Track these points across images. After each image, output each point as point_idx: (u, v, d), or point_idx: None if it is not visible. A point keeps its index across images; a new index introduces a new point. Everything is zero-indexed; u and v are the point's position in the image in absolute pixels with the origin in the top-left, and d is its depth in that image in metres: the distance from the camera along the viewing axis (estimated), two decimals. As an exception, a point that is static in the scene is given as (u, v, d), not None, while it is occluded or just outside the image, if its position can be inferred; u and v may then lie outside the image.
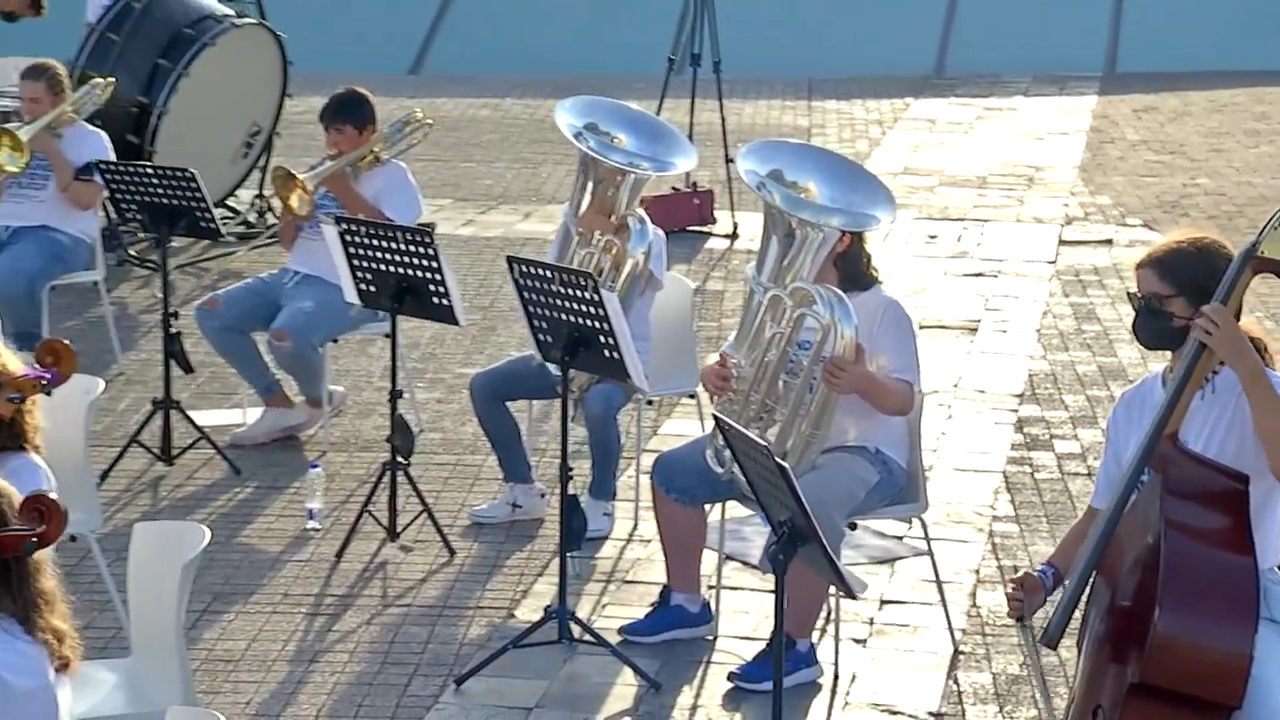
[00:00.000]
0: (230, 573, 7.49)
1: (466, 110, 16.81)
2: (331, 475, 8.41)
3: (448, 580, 7.51)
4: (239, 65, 11.53)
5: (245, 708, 6.43)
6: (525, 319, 7.04)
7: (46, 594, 4.06)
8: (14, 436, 5.11)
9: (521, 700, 6.53)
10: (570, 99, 8.09)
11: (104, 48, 11.37)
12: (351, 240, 7.65)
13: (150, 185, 8.60)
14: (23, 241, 9.39)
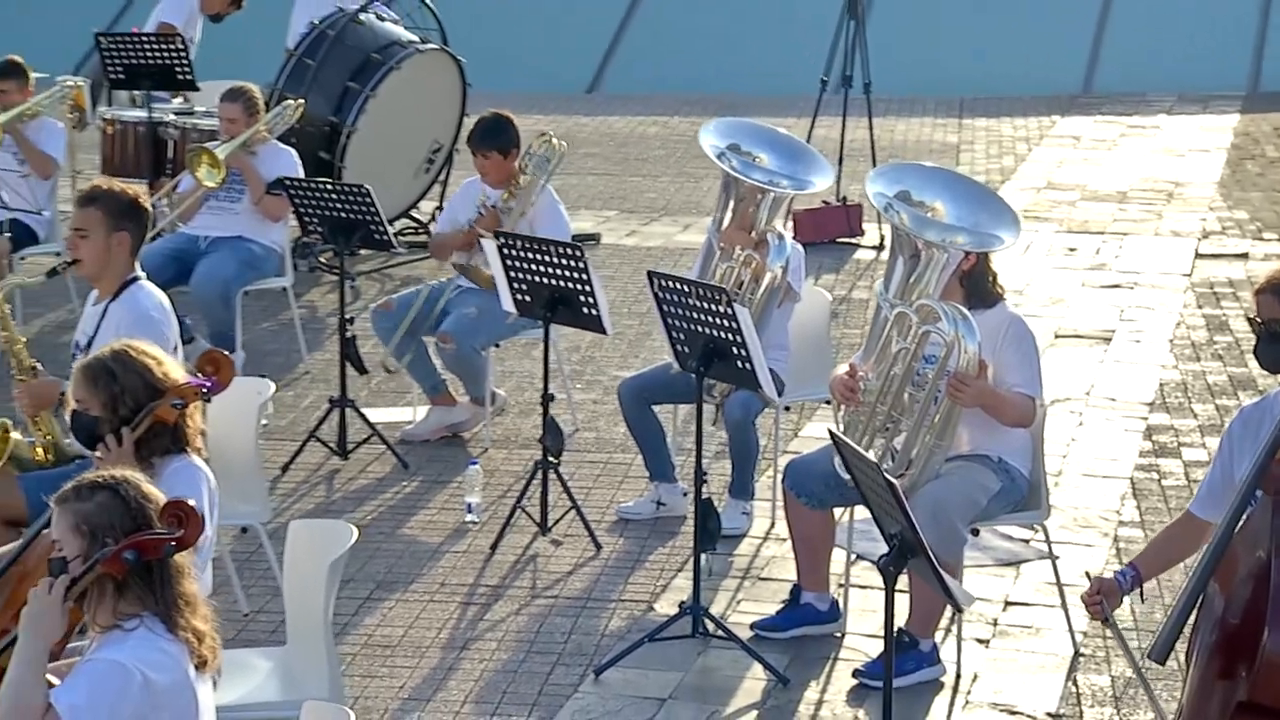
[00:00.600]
0: (393, 562, 7.43)
1: (636, 127, 16.73)
2: (491, 471, 8.34)
3: (593, 573, 7.40)
4: (422, 87, 11.50)
5: (399, 692, 6.36)
6: (664, 330, 6.90)
7: (188, 596, 4.03)
8: (176, 440, 5.09)
9: (656, 691, 6.40)
10: (714, 121, 7.98)
11: (300, 71, 11.40)
12: (509, 254, 7.57)
13: (329, 200, 8.59)
14: (219, 250, 9.43)
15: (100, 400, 5.03)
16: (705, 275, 7.70)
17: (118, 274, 6.40)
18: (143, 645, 3.92)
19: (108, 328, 6.35)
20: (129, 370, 5.03)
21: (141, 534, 3.94)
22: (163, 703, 3.91)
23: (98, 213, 6.34)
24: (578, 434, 8.92)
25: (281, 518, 7.81)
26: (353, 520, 7.79)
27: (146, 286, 6.45)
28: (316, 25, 11.69)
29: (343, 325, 8.47)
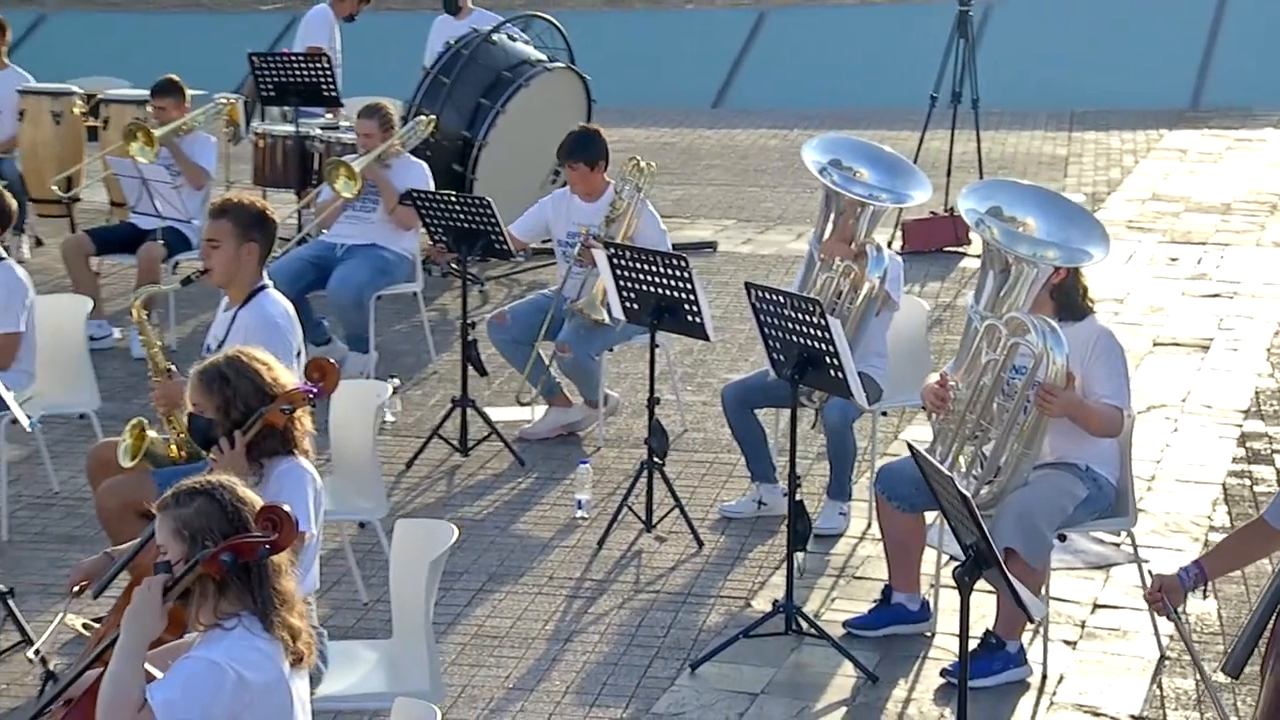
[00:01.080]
0: (505, 556, 7.33)
1: (757, 140, 16.56)
2: (603, 470, 8.23)
3: (694, 570, 7.25)
4: (549, 103, 11.41)
5: (504, 681, 6.25)
6: (761, 339, 6.75)
7: (284, 594, 3.96)
8: (285, 442, 5.03)
9: (749, 686, 6.25)
10: (817, 137, 7.80)
11: (436, 89, 11.36)
12: (618, 264, 7.47)
13: (454, 211, 8.52)
14: (354, 257, 9.40)
15: (215, 404, 4.98)
16: (807, 285, 7.54)
17: (246, 282, 6.35)
18: (239, 644, 3.86)
19: (236, 333, 6.31)
20: (241, 376, 4.97)
21: (238, 537, 3.88)
22: (256, 701, 3.85)
23: (228, 224, 6.31)
24: (686, 434, 8.79)
25: (405, 510, 7.79)
26: (469, 514, 7.77)
27: (273, 294, 6.40)
28: (452, 45, 11.66)
29: (464, 330, 8.39)
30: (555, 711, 6.04)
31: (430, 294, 10.33)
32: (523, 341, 8.58)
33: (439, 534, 5.17)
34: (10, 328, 7.30)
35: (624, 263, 7.46)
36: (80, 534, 7.44)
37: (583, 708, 6.08)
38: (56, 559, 7.18)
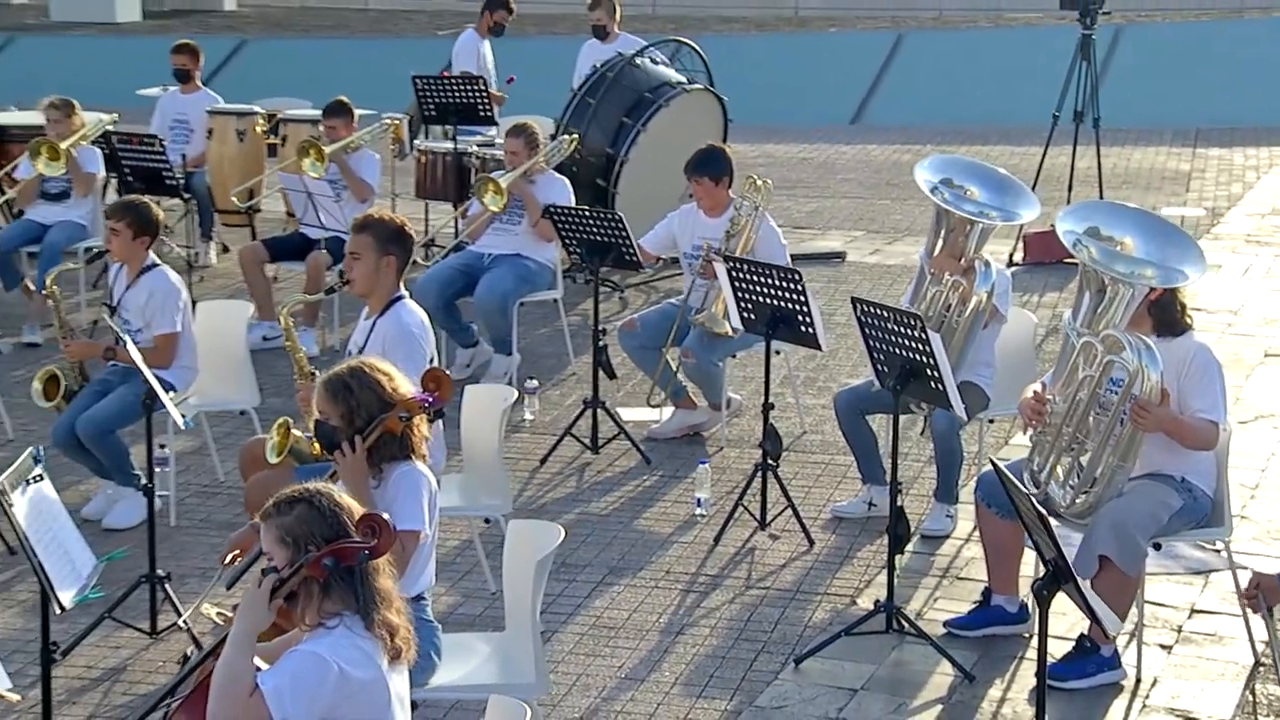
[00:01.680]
0: (626, 550, 7.17)
1: (891, 155, 16.24)
2: (724, 469, 8.05)
3: (804, 567, 7.03)
4: (687, 122, 11.23)
5: (617, 671, 6.10)
6: (866, 351, 6.53)
7: (383, 593, 3.87)
8: (403, 448, 4.93)
9: (849, 682, 6.03)
10: (929, 157, 7.55)
11: (582, 109, 11.25)
12: (736, 276, 7.30)
13: (588, 225, 8.40)
14: (500, 266, 9.30)
15: (339, 411, 4.90)
16: (917, 297, 7.31)
17: (385, 293, 6.26)
18: (342, 642, 3.79)
19: (374, 341, 6.24)
20: (364, 386, 4.89)
21: (340, 542, 3.79)
22: (356, 696, 3.77)
23: (368, 238, 6.23)
24: (805, 436, 8.57)
25: (536, 504, 7.68)
26: (595, 510, 7.64)
27: (409, 305, 6.31)
28: (598, 68, 11.55)
29: (595, 336, 8.26)
30: (663, 702, 5.88)
31: (572, 300, 10.21)
32: (651, 347, 8.43)
33: (547, 535, 5.04)
34: (167, 328, 7.30)
35: (742, 275, 7.29)
36: (241, 521, 7.33)
37: (689, 699, 5.90)
38: (218, 544, 7.11)
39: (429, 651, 4.88)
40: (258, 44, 21.36)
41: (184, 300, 7.48)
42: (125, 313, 7.44)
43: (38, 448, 4.80)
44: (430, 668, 4.91)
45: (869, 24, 22.74)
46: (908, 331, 6.17)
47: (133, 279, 7.45)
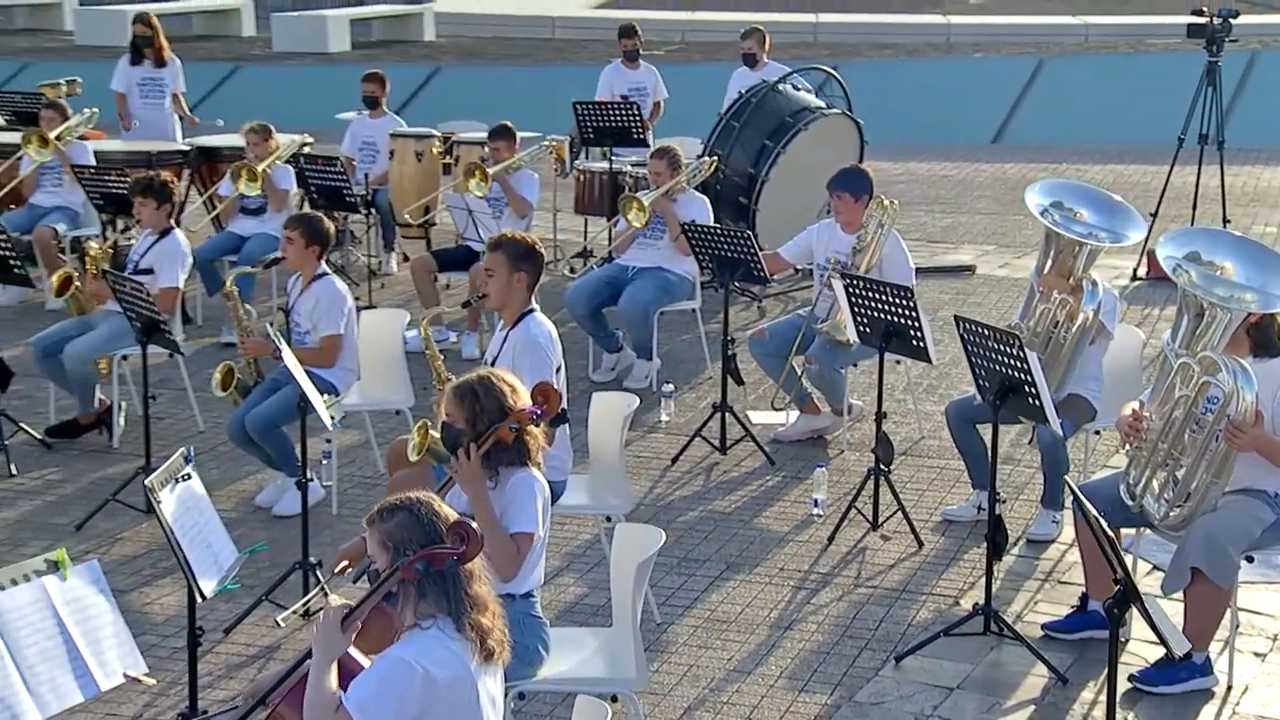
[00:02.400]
0: (744, 546, 6.98)
1: (1027, 173, 15.71)
2: (843, 471, 7.82)
3: (912, 568, 6.78)
4: (825, 144, 10.98)
5: (726, 663, 5.92)
6: (969, 367, 6.27)
7: (475, 599, 3.76)
8: (520, 455, 4.81)
9: (946, 681, 5.79)
10: (1040, 182, 7.23)
11: (727, 132, 11.07)
12: (853, 292, 7.07)
13: (719, 241, 8.22)
14: (642, 278, 9.17)
15: (464, 416, 4.80)
16: (1027, 313, 7.01)
17: (517, 306, 6.17)
18: (432, 643, 3.69)
19: (506, 351, 6.16)
20: (489, 394, 4.78)
21: (431, 548, 3.69)
22: (443, 695, 3.67)
23: (501, 256, 6.14)
24: (922, 441, 8.29)
25: (665, 501, 7.53)
26: (718, 507, 7.46)
27: (539, 318, 6.20)
28: (743, 94, 11.36)
29: (725, 345, 8.08)
30: (767, 695, 5.69)
31: (713, 309, 10.02)
32: (778, 355, 8.22)
33: (649, 539, 4.89)
34: (332, 331, 7.30)
35: (858, 292, 7.06)
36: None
37: (792, 692, 5.71)
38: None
39: (536, 645, 4.78)
40: (450, 71, 21.47)
41: (349, 307, 7.47)
42: (297, 316, 7.47)
43: (188, 448, 4.79)
44: (538, 660, 4.79)
45: (1013, 49, 22.12)
46: (1007, 350, 5.90)
47: (305, 286, 7.47)
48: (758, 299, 10.79)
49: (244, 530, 7.00)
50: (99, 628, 3.85)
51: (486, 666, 3.79)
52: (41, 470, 7.67)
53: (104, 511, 7.11)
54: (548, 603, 6.34)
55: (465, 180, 9.95)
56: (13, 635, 3.64)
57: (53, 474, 7.64)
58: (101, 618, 3.86)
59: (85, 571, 3.88)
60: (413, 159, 11.58)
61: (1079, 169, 16.07)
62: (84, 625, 3.81)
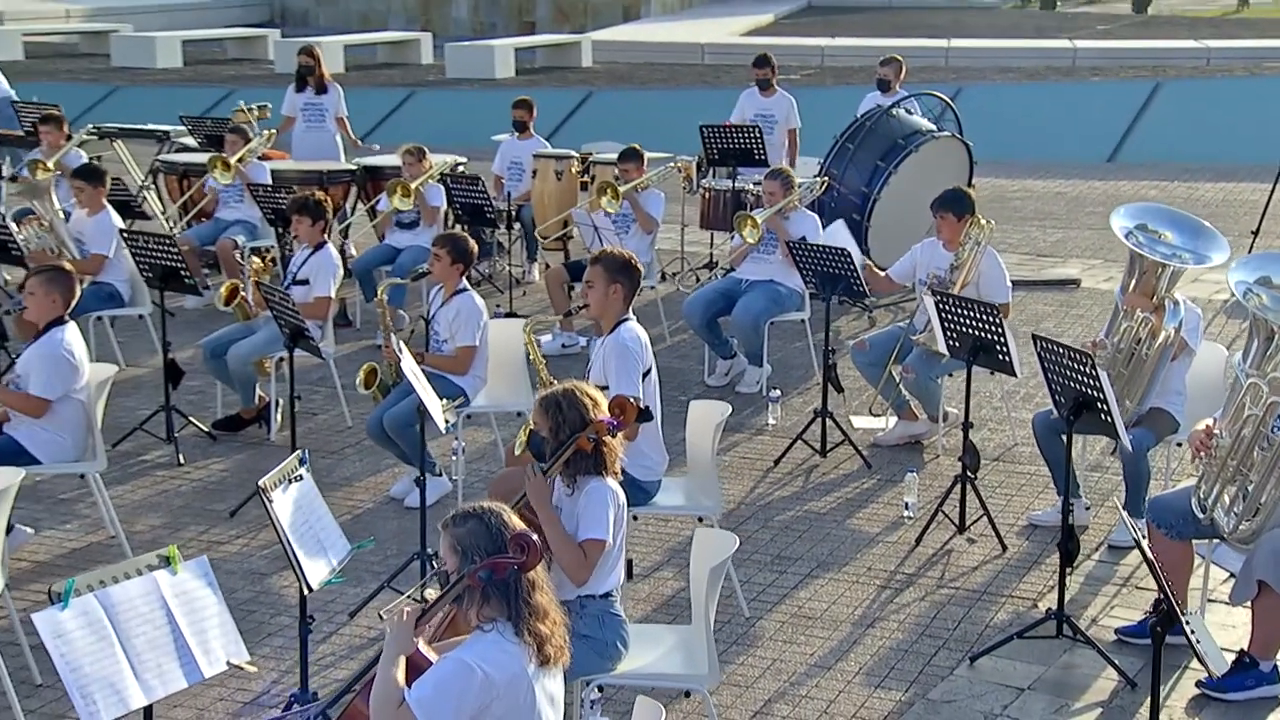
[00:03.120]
0: (835, 546, 6.83)
1: (1139, 190, 15.22)
2: (937, 475, 7.60)
3: (994, 571, 6.56)
4: (935, 165, 10.72)
5: (808, 658, 5.79)
6: (1046, 383, 6.05)
7: (535, 607, 3.69)
8: (597, 464, 4.74)
9: (1018, 681, 5.58)
10: (1124, 206, 6.94)
11: (843, 153, 10.87)
12: (943, 309, 6.88)
13: (820, 258, 8.07)
14: (754, 290, 9.05)
15: (548, 426, 4.76)
16: (1113, 329, 6.76)
17: (613, 315, 6.10)
18: (491, 646, 3.64)
19: (599, 356, 6.11)
20: (571, 406, 4.74)
21: (494, 558, 3.65)
22: (500, 695, 3.61)
23: (600, 269, 6.08)
24: (1015, 448, 8.05)
25: (765, 501, 7.40)
26: (815, 508, 7.31)
27: (631, 326, 6.09)
28: (859, 118, 11.16)
29: (826, 354, 7.94)
30: (844, 689, 5.55)
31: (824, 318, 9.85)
32: (878, 364, 8.04)
33: (723, 543, 4.79)
34: (467, 342, 7.32)
35: (947, 308, 6.87)
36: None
37: (868, 688, 5.56)
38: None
39: (615, 641, 4.70)
40: (601, 95, 21.51)
41: (484, 321, 7.49)
42: (436, 325, 7.50)
43: (304, 451, 4.82)
44: (617, 655, 4.72)
45: (1131, 73, 21.46)
46: (1080, 368, 5.68)
47: (447, 299, 7.49)
48: (869, 309, 10.59)
49: (377, 519, 7.07)
50: (205, 618, 3.87)
51: (545, 669, 3.73)
52: (206, 460, 7.82)
53: (256, 500, 7.21)
54: (646, 595, 6.31)
55: (598, 198, 9.92)
56: (123, 624, 3.67)
57: (215, 463, 7.79)
58: (208, 609, 3.89)
59: (194, 567, 3.92)
60: (553, 177, 11.58)
61: (1190, 186, 15.52)
62: (191, 616, 3.83)
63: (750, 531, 6.94)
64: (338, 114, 12.48)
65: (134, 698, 3.65)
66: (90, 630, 3.63)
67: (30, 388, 6.20)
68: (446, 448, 7.57)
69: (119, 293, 8.95)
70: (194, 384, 8.75)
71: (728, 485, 7.52)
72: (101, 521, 6.73)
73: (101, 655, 3.61)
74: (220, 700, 5.36)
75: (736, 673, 5.61)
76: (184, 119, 13.47)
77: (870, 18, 32.08)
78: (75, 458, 6.34)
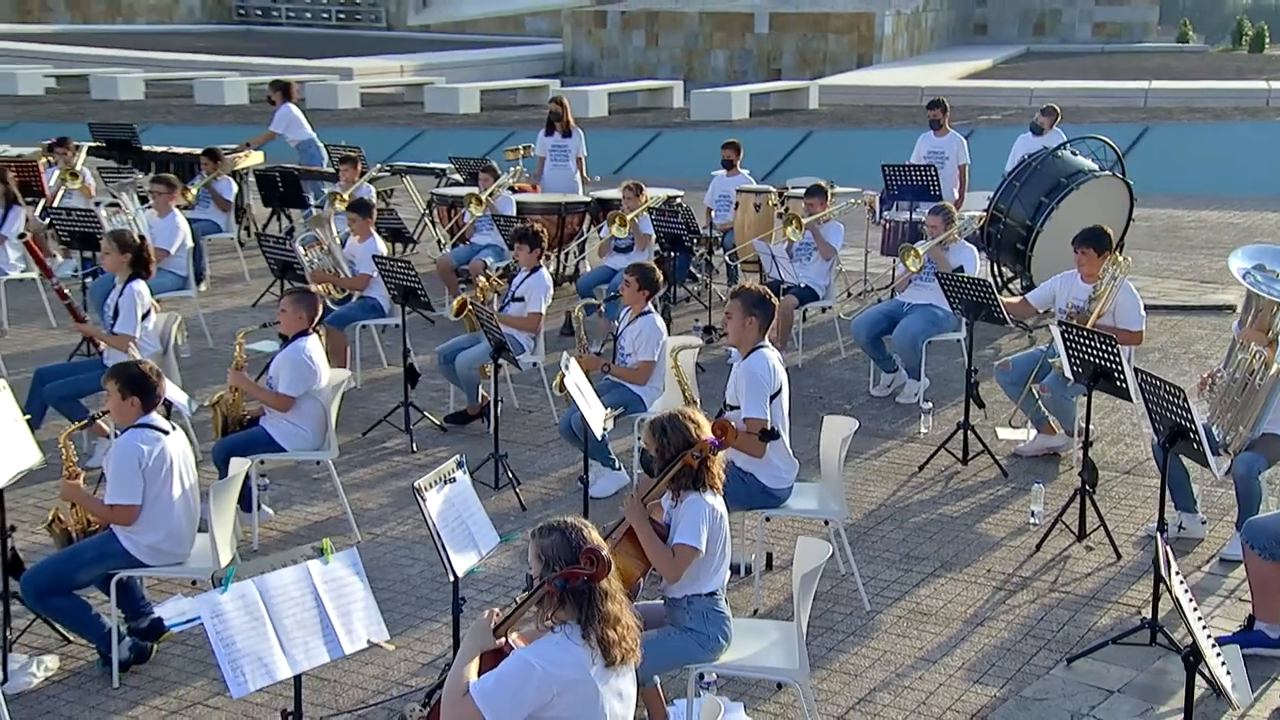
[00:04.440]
0: (961, 548, 6.50)
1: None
2: (1067, 485, 7.14)
3: (1105, 578, 6.14)
4: (1096, 201, 10.10)
5: (917, 651, 5.51)
6: (1147, 412, 5.60)
7: (605, 614, 3.56)
8: (698, 481, 4.58)
9: (1109, 684, 5.20)
10: (1243, 247, 6.40)
11: (1010, 189, 10.35)
12: (1068, 337, 6.47)
13: (966, 288, 7.69)
14: (915, 313, 8.71)
15: (655, 446, 4.64)
16: (1229, 362, 6.24)
17: (749, 343, 5.91)
18: (554, 647, 3.52)
19: (734, 379, 5.96)
20: (675, 429, 4.60)
21: (569, 569, 3.55)
22: (563, 691, 3.48)
23: (739, 302, 5.92)
24: (1147, 462, 7.50)
25: (905, 504, 7.10)
26: (948, 511, 6.98)
27: (764, 354, 5.88)
28: (1026, 159, 10.62)
29: (968, 374, 7.58)
30: (945, 682, 5.27)
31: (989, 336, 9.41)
32: (1019, 382, 7.63)
33: (818, 551, 4.59)
34: (648, 357, 7.24)
35: (1071, 337, 6.45)
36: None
37: (967, 683, 5.26)
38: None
39: (717, 635, 4.55)
40: (820, 134, 21.17)
41: (663, 340, 7.44)
42: (623, 341, 7.49)
43: (462, 456, 4.84)
44: (718, 648, 4.56)
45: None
46: (1175, 400, 5.25)
47: (633, 319, 7.49)
48: (1029, 329, 10.07)
49: (564, 508, 7.10)
50: (351, 603, 3.90)
51: (613, 670, 3.58)
52: (435, 449, 8.02)
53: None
54: (781, 586, 6.13)
55: (785, 228, 9.77)
56: (275, 607, 3.74)
57: (442, 451, 7.97)
58: (354, 595, 3.92)
59: (345, 557, 3.97)
60: (752, 209, 11.45)
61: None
62: (338, 600, 3.87)
63: (885, 531, 6.70)
64: (578, 154, 12.65)
65: (280, 670, 3.73)
66: (245, 611, 3.70)
67: (279, 387, 6.50)
68: (626, 446, 7.56)
69: (380, 305, 9.29)
70: (435, 383, 9.01)
71: (874, 487, 7.28)
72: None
73: (253, 633, 3.68)
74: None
75: (849, 662, 5.40)
76: (452, 159, 13.90)
77: (1084, 62, 30.57)
78: (314, 447, 6.58)
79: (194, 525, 5.08)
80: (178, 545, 5.04)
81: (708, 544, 4.49)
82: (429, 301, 8.29)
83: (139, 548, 4.96)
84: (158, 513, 4.95)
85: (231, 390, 6.68)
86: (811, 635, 5.49)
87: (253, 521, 6.42)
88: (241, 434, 6.49)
